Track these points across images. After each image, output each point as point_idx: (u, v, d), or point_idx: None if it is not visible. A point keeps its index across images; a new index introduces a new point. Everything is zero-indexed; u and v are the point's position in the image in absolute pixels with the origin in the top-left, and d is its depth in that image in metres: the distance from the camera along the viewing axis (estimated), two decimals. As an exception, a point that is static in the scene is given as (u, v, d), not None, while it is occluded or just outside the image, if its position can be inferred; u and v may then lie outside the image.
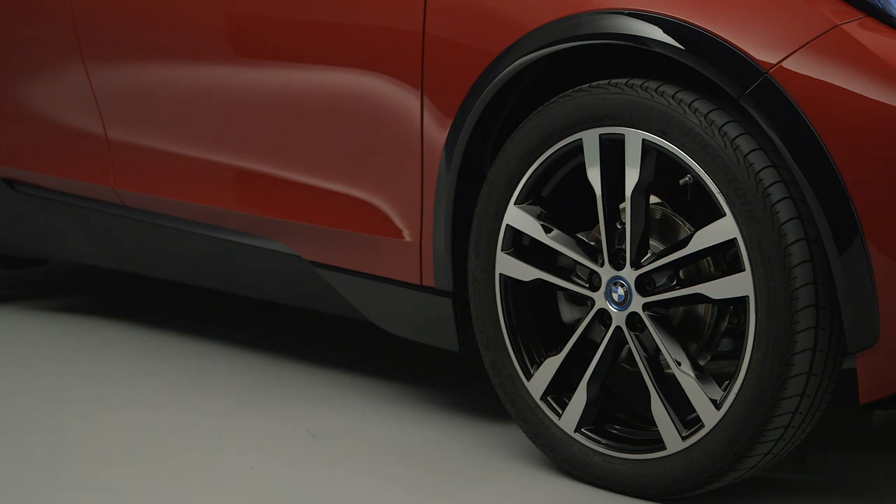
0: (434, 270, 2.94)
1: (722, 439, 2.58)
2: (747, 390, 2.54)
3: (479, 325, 2.87)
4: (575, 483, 2.77)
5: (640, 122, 2.61)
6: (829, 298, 2.50)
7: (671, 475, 2.65)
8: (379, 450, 2.94)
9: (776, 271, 2.49)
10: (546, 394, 2.79)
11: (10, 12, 3.67)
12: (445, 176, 2.88)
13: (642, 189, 2.65)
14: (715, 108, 2.55)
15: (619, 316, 2.69)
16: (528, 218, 2.77)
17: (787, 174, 2.50)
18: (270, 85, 3.18)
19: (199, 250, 3.41)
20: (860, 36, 2.44)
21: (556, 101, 2.71)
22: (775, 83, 2.47)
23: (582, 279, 2.75)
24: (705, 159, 2.54)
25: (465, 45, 2.83)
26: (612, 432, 2.75)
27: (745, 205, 2.51)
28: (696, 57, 2.54)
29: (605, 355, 2.72)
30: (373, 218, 3.04)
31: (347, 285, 3.12)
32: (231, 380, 3.36)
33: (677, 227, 2.71)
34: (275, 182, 3.21)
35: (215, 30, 3.27)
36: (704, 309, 2.69)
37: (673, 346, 2.64)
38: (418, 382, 3.34)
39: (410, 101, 2.92)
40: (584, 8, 2.66)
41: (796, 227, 2.49)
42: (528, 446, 2.90)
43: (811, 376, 2.52)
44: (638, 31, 2.59)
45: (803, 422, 2.57)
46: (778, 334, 2.50)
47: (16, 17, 3.67)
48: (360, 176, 3.06)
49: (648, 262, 2.66)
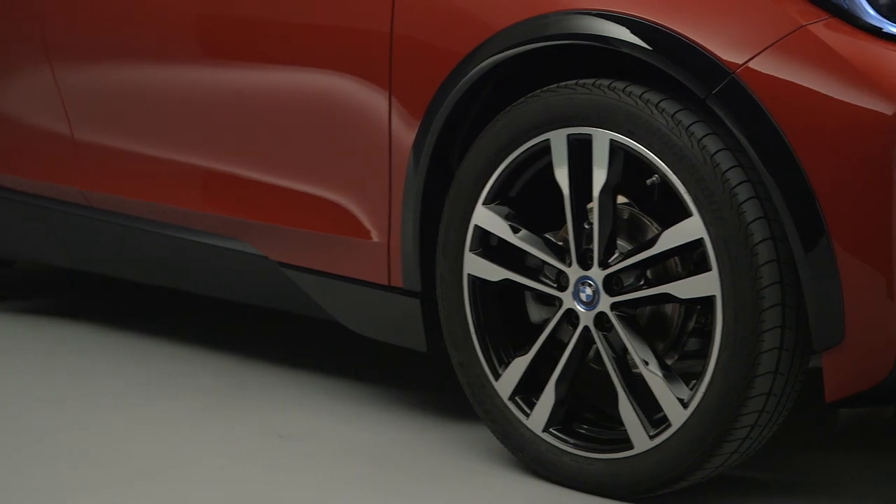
0: (402, 271, 2.94)
1: (689, 438, 2.59)
2: (714, 389, 2.55)
3: (448, 325, 2.87)
4: (543, 483, 2.78)
5: (608, 123, 2.62)
6: (795, 297, 2.51)
7: (639, 474, 2.66)
8: (348, 451, 2.94)
9: (743, 271, 2.50)
10: (514, 394, 2.79)
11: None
12: (414, 176, 2.88)
13: (610, 189, 2.65)
14: (682, 109, 2.56)
15: (587, 316, 2.70)
16: (496, 218, 2.78)
17: (753, 174, 2.52)
18: (238, 85, 3.17)
19: (165, 251, 3.40)
20: (826, 36, 2.45)
21: (524, 102, 2.72)
22: (742, 83, 2.48)
23: (550, 279, 2.76)
24: (672, 159, 2.55)
25: (433, 45, 2.83)
26: (581, 432, 2.76)
27: (711, 205, 2.52)
28: (663, 57, 2.55)
29: (572, 355, 2.73)
30: (341, 218, 3.04)
31: (315, 286, 3.12)
32: (199, 381, 3.35)
33: (645, 227, 2.72)
34: (242, 183, 3.21)
35: (183, 30, 3.26)
36: (672, 308, 2.70)
37: (640, 346, 2.65)
38: (387, 383, 3.34)
39: (378, 101, 2.92)
40: (552, 8, 2.67)
41: (763, 226, 2.50)
42: (497, 446, 2.91)
43: (777, 375, 2.54)
44: (605, 32, 2.60)
45: (770, 420, 2.59)
46: (745, 333, 2.51)
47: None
48: (328, 176, 3.06)
49: (616, 262, 2.66)
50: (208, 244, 3.30)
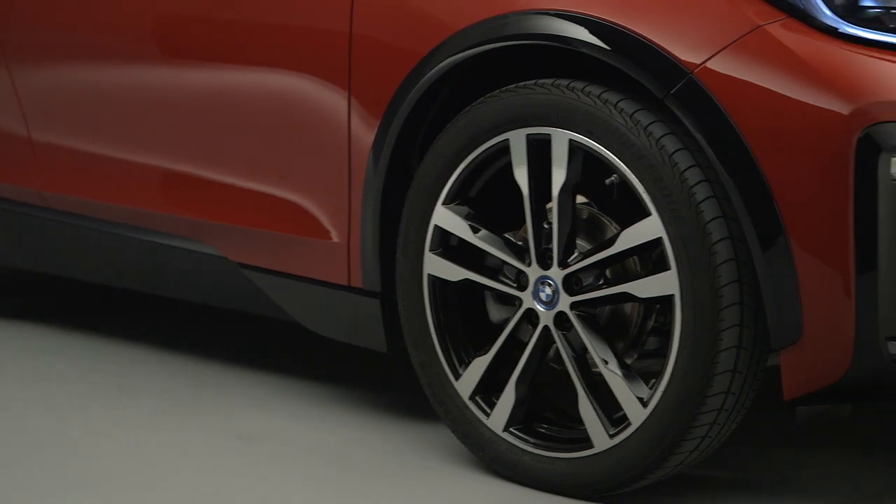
0: (362, 271, 2.93)
1: (649, 437, 2.60)
2: (673, 388, 2.56)
3: (408, 325, 2.87)
4: (504, 483, 2.78)
5: (567, 123, 2.62)
6: (753, 296, 2.52)
7: (599, 473, 2.67)
8: (308, 452, 2.93)
9: (701, 270, 2.52)
10: (474, 394, 2.80)
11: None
12: (373, 176, 2.88)
13: (569, 189, 2.66)
14: (640, 109, 2.57)
15: (547, 315, 2.70)
16: (455, 218, 2.78)
17: (711, 174, 2.53)
18: (196, 85, 3.16)
19: (125, 252, 3.38)
20: (782, 36, 2.47)
21: (484, 102, 2.72)
22: (699, 83, 2.49)
23: (509, 279, 2.76)
24: (631, 159, 2.56)
25: (392, 46, 2.83)
26: (541, 431, 2.77)
27: (670, 204, 2.53)
28: (622, 57, 2.56)
29: (532, 355, 2.73)
30: (300, 219, 3.03)
31: (275, 287, 3.11)
32: (158, 382, 3.34)
33: (604, 227, 2.73)
34: (201, 183, 3.20)
35: (141, 30, 3.25)
36: (631, 308, 2.71)
37: (600, 345, 2.66)
38: (347, 384, 3.34)
39: (337, 101, 2.91)
40: (510, 8, 2.67)
41: (721, 225, 2.52)
42: (458, 446, 2.91)
43: (736, 374, 2.55)
44: (564, 32, 2.60)
45: (728, 419, 2.60)
46: (703, 332, 2.52)
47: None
48: (288, 177, 3.05)
49: (575, 262, 2.67)
50: (167, 245, 3.29)
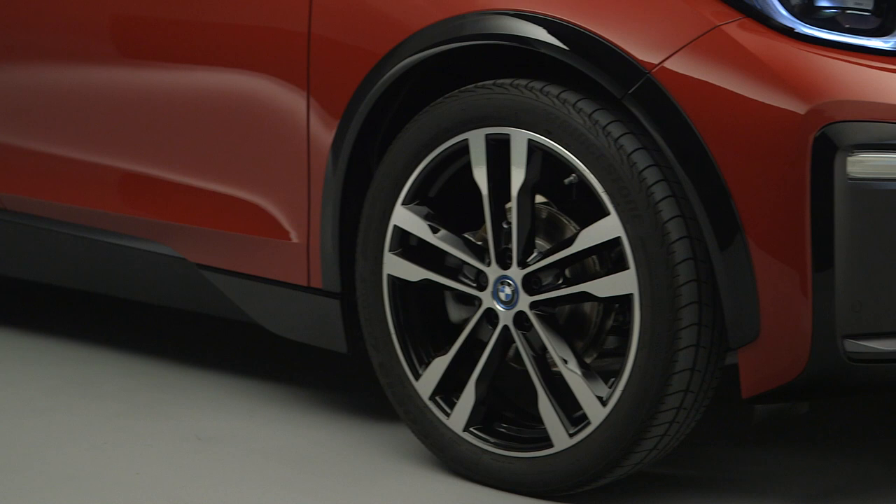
0: (321, 272, 2.93)
1: (608, 436, 2.61)
2: (633, 387, 2.57)
3: (368, 326, 2.87)
4: (465, 483, 2.78)
5: (526, 122, 2.63)
6: (711, 295, 2.53)
7: (559, 472, 2.68)
8: (268, 453, 2.93)
9: (660, 269, 2.53)
10: (435, 394, 2.80)
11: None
12: (332, 177, 2.87)
13: (528, 188, 2.67)
14: (599, 108, 2.58)
15: (507, 315, 2.71)
16: (415, 218, 2.78)
17: (669, 173, 2.54)
18: (155, 86, 3.15)
19: (82, 254, 3.36)
20: (739, 36, 2.48)
21: (443, 102, 2.72)
22: (657, 83, 2.50)
23: (469, 279, 2.76)
24: (590, 159, 2.57)
25: (350, 46, 2.83)
26: (501, 431, 2.77)
27: (628, 203, 2.54)
28: (580, 57, 2.56)
29: (492, 354, 2.74)
30: (259, 219, 3.02)
31: (234, 288, 3.10)
32: (117, 384, 3.32)
33: (563, 227, 2.74)
34: (160, 184, 3.18)
35: (98, 30, 3.23)
36: (590, 307, 2.72)
37: (559, 345, 2.66)
38: (307, 385, 3.33)
39: (296, 101, 2.91)
40: (468, 8, 2.67)
41: (679, 225, 2.53)
42: (419, 447, 2.91)
43: (695, 372, 2.56)
44: (522, 32, 2.61)
45: (687, 417, 2.61)
46: (662, 331, 2.53)
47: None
48: (247, 178, 3.04)
49: (535, 262, 2.68)
50: (126, 246, 3.27)
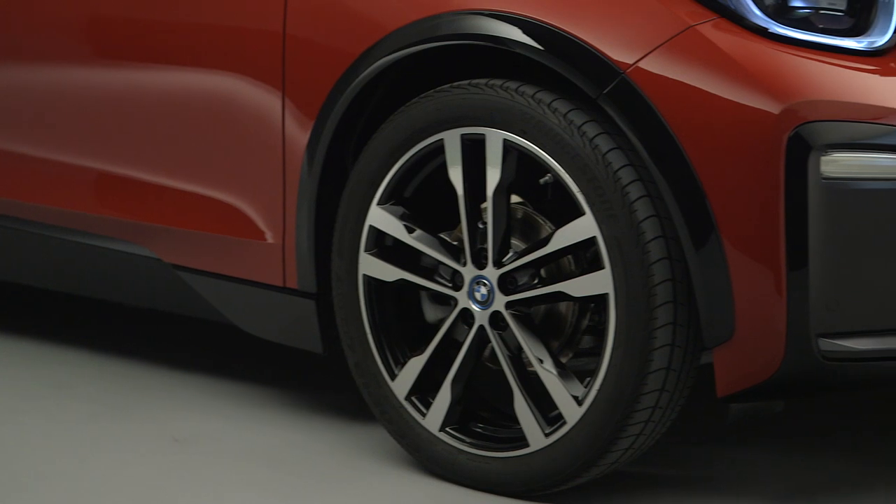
0: (297, 272, 2.93)
1: (584, 435, 2.62)
2: (608, 386, 2.58)
3: (343, 326, 2.86)
4: (440, 482, 2.78)
5: (501, 122, 2.63)
6: (686, 295, 2.54)
7: (535, 472, 2.68)
8: (244, 454, 2.92)
9: (635, 269, 2.53)
10: (410, 394, 2.80)
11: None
12: (308, 177, 2.87)
13: (503, 188, 2.67)
14: (574, 108, 2.58)
15: (482, 315, 2.71)
16: (390, 218, 2.78)
17: (644, 173, 2.54)
18: (131, 87, 3.14)
19: (58, 254, 3.35)
20: (713, 36, 2.49)
21: (418, 102, 2.72)
22: (632, 83, 2.51)
23: (445, 279, 2.76)
24: (565, 158, 2.57)
25: (326, 46, 2.83)
26: (477, 431, 2.77)
27: (604, 203, 2.55)
28: (555, 57, 2.57)
29: (468, 354, 2.74)
30: (235, 220, 3.02)
31: (210, 288, 3.10)
32: (93, 386, 3.31)
33: (538, 226, 2.74)
34: (136, 185, 3.18)
35: (73, 30, 3.22)
36: (566, 307, 2.72)
37: (535, 344, 2.67)
38: (283, 386, 3.33)
39: (272, 102, 2.90)
40: (444, 8, 2.67)
41: (654, 224, 2.53)
42: (394, 447, 2.91)
43: (670, 371, 2.57)
44: (497, 32, 2.61)
45: (663, 416, 2.62)
46: (637, 331, 2.54)
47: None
48: (222, 178, 3.04)
49: (510, 261, 2.68)
50: (101, 247, 3.26)
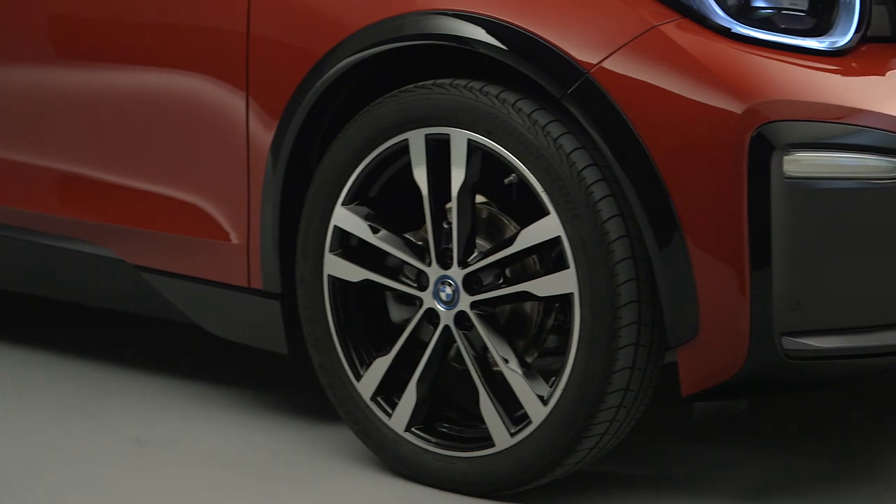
0: (262, 272, 2.92)
1: (549, 435, 2.62)
2: (573, 386, 2.58)
3: (308, 326, 2.86)
4: (407, 483, 2.78)
5: (465, 122, 2.63)
6: (650, 294, 2.55)
7: (501, 472, 2.68)
8: (209, 455, 2.91)
9: (599, 268, 2.54)
10: (376, 394, 2.80)
11: None
12: (272, 177, 2.86)
13: (468, 188, 2.67)
14: (538, 108, 2.59)
15: (447, 315, 2.71)
16: (355, 219, 2.78)
17: (608, 172, 2.55)
18: (94, 87, 3.12)
19: (20, 256, 3.33)
20: (677, 37, 2.50)
21: (382, 102, 2.72)
22: (596, 83, 2.51)
23: (410, 279, 2.76)
24: (529, 158, 2.58)
25: (289, 46, 2.82)
26: (443, 431, 2.77)
27: (568, 203, 2.55)
28: (519, 57, 2.57)
29: (433, 354, 2.74)
30: (199, 221, 3.01)
31: (174, 289, 3.09)
32: (56, 388, 3.29)
33: (503, 226, 2.74)
34: (99, 186, 3.16)
35: (36, 30, 3.20)
36: (531, 307, 2.72)
37: (500, 344, 2.67)
38: (247, 386, 3.32)
39: (235, 102, 2.90)
40: (408, 9, 2.67)
41: (618, 224, 2.54)
42: (360, 447, 2.91)
43: (634, 371, 2.57)
44: (461, 32, 2.61)
45: (628, 415, 2.62)
46: (602, 330, 2.54)
47: None
48: (186, 178, 3.03)
49: (475, 261, 2.68)
50: (65, 248, 3.24)
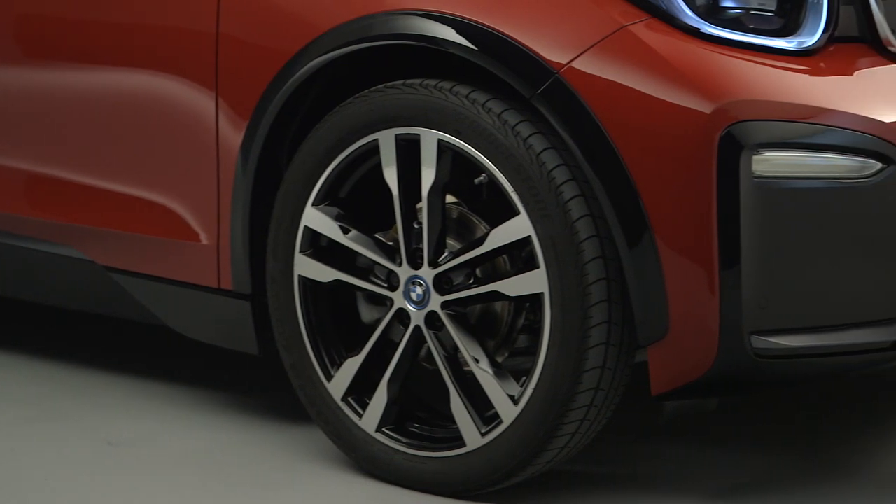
0: (232, 273, 2.91)
1: (520, 434, 2.62)
2: (544, 385, 2.59)
3: (279, 327, 2.86)
4: (378, 483, 2.78)
5: (435, 122, 2.63)
6: (620, 293, 2.55)
7: (472, 471, 2.68)
8: (179, 456, 2.90)
9: (569, 268, 2.54)
10: (347, 394, 2.79)
11: None
12: (242, 178, 2.86)
13: (439, 188, 2.67)
14: (508, 108, 2.59)
15: (418, 315, 2.71)
16: (325, 219, 2.77)
17: (578, 172, 2.55)
18: (63, 87, 3.11)
19: (-12, 257, 3.32)
20: (646, 36, 2.50)
21: (352, 102, 2.72)
22: (565, 83, 2.52)
23: (380, 279, 2.76)
24: (499, 158, 2.58)
25: (259, 46, 2.81)
26: (413, 431, 2.77)
27: (538, 203, 2.55)
28: (489, 57, 2.57)
29: (404, 355, 2.74)
30: (169, 221, 3.00)
31: (144, 290, 3.08)
32: (25, 389, 3.28)
33: (474, 226, 2.74)
34: (67, 186, 3.15)
35: (4, 29, 3.19)
36: (501, 306, 2.73)
37: (471, 344, 2.67)
38: (218, 387, 3.31)
39: (205, 102, 2.89)
40: (377, 8, 2.67)
41: (588, 224, 2.54)
42: (331, 447, 2.90)
43: (605, 370, 2.58)
44: (431, 32, 2.61)
45: (598, 415, 2.63)
46: (572, 330, 2.55)
47: None
48: (156, 179, 3.02)
49: (446, 261, 2.68)
50: (33, 249, 3.23)
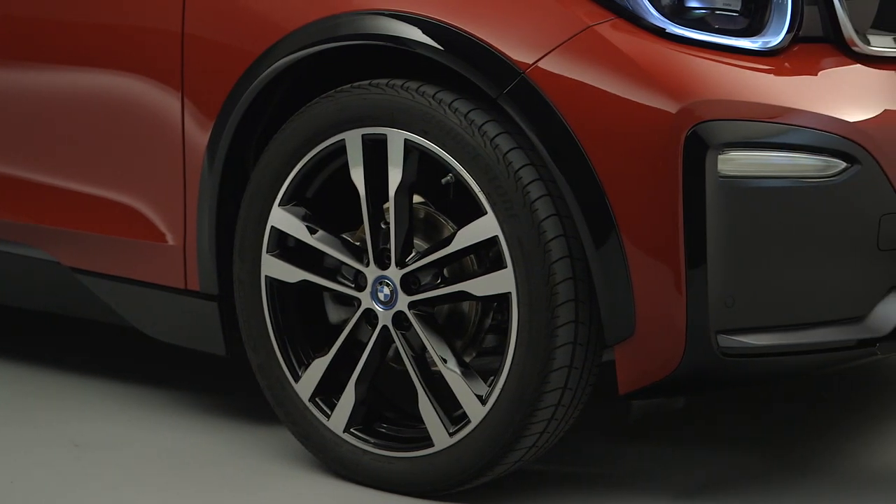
0: (199, 274, 2.90)
1: (488, 434, 2.63)
2: (511, 385, 2.59)
3: (246, 328, 2.85)
4: (346, 484, 2.78)
5: (402, 122, 2.63)
6: (587, 293, 2.56)
7: (440, 471, 2.68)
8: (146, 458, 2.89)
9: (536, 268, 2.54)
10: (315, 395, 2.79)
11: None
12: (208, 178, 2.85)
13: (405, 189, 2.67)
14: (475, 108, 2.59)
15: (386, 315, 2.71)
16: (292, 219, 2.77)
17: (545, 172, 2.56)
18: (26, 87, 3.10)
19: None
20: (611, 36, 2.51)
21: (319, 102, 2.71)
22: (532, 83, 2.52)
23: (348, 279, 2.76)
24: (466, 158, 2.58)
25: (225, 46, 2.81)
26: (381, 431, 2.77)
27: (505, 203, 2.56)
28: (455, 57, 2.57)
29: (372, 355, 2.73)
30: (135, 222, 2.99)
31: (110, 291, 3.06)
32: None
33: (441, 226, 2.74)
34: (33, 187, 3.13)
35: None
36: (469, 306, 2.73)
37: (439, 344, 2.67)
38: (185, 388, 3.30)
39: (171, 102, 2.88)
40: (344, 8, 2.67)
41: (555, 223, 2.55)
42: (299, 448, 2.90)
43: (572, 370, 2.58)
44: (397, 32, 2.61)
45: (566, 414, 2.63)
46: (539, 329, 2.55)
47: None
48: (122, 180, 3.01)
49: (413, 262, 2.68)
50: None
